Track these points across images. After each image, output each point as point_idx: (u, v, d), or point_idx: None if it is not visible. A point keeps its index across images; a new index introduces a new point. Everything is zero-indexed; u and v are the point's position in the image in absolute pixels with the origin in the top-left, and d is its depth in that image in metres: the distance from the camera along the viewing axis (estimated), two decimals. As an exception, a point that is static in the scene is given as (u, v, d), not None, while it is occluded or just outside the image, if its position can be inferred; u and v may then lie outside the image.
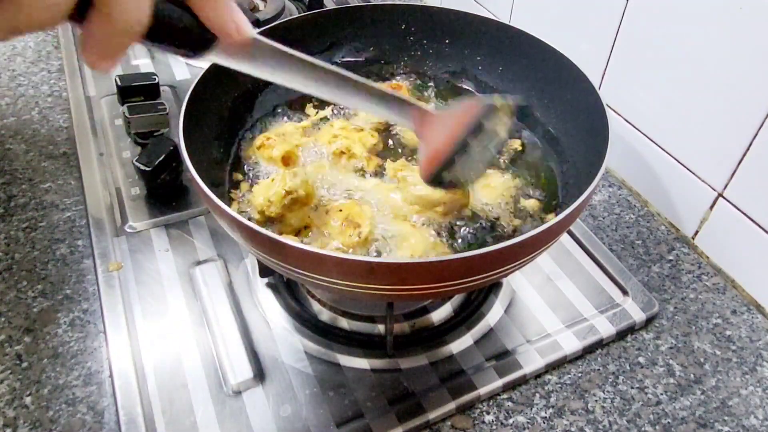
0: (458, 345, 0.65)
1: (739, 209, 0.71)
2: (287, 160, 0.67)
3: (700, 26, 0.69)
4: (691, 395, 0.62)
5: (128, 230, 0.75)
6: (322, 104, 0.76)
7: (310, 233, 0.60)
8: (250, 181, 0.66)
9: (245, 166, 0.68)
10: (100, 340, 0.64)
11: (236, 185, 0.66)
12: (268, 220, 0.60)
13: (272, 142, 0.67)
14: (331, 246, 0.58)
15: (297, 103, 0.76)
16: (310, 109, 0.76)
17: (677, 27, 0.72)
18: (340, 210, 0.60)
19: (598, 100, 0.61)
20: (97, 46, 0.26)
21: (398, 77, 0.81)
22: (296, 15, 1.01)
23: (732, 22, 0.65)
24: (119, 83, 0.87)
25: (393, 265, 0.47)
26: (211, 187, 0.50)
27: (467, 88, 0.80)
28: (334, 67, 0.44)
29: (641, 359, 0.65)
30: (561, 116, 0.70)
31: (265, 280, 0.70)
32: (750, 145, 0.68)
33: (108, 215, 0.76)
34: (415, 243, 0.58)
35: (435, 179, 0.53)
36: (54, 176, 0.83)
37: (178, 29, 0.29)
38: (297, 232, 0.60)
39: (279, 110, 0.75)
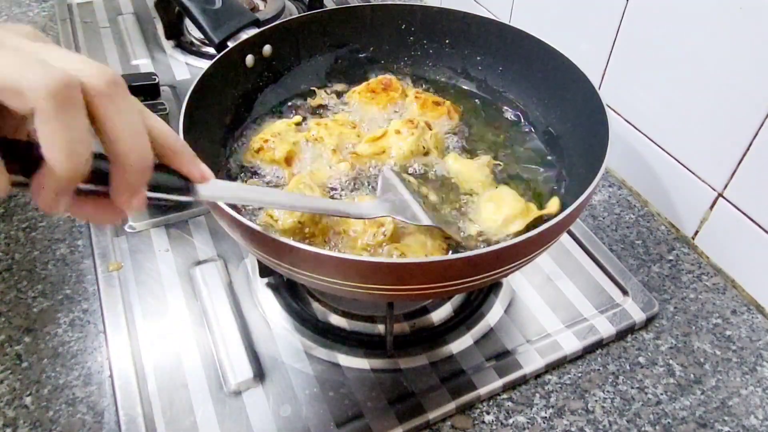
0: (458, 345, 0.65)
1: (739, 209, 0.71)
2: (289, 160, 0.66)
3: (700, 26, 0.69)
4: (691, 395, 0.62)
5: (128, 230, 0.75)
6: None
7: (332, 239, 0.58)
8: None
9: (245, 171, 0.68)
10: (100, 340, 0.64)
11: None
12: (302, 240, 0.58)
13: (271, 143, 0.66)
14: (357, 248, 0.57)
15: (296, 102, 0.77)
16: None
17: (677, 27, 0.72)
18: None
19: (598, 100, 0.61)
20: (126, 189, 0.34)
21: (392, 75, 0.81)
22: (296, 15, 1.01)
23: (732, 22, 0.65)
24: (119, 83, 0.87)
25: (393, 265, 0.47)
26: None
27: (467, 88, 0.80)
28: (283, 192, 0.57)
29: (641, 359, 0.65)
30: (561, 116, 0.70)
31: (265, 280, 0.70)
32: (750, 145, 0.68)
33: (108, 215, 0.76)
34: (430, 244, 0.57)
35: (438, 219, 0.58)
36: (54, 176, 0.83)
37: (165, 179, 0.38)
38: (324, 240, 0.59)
39: (279, 109, 0.75)
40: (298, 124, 0.71)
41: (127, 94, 0.33)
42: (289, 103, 0.76)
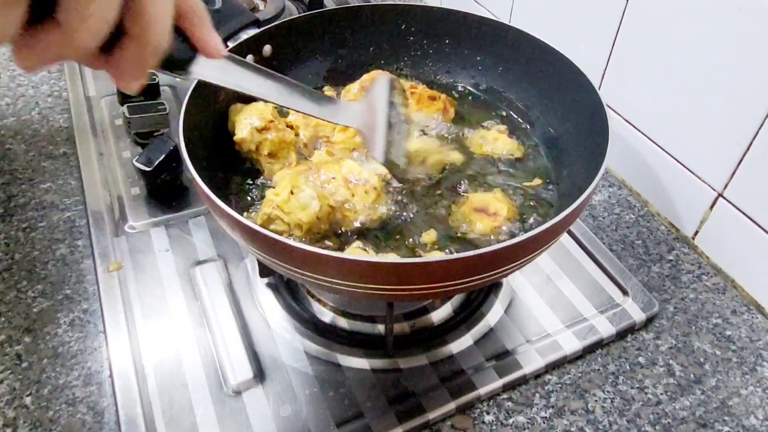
0: (458, 345, 0.65)
1: (739, 209, 0.71)
2: (273, 155, 0.66)
3: (699, 26, 0.69)
4: (691, 395, 0.62)
5: (128, 230, 0.75)
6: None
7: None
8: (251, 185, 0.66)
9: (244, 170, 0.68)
10: (100, 340, 0.64)
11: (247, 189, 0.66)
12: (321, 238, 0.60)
13: (257, 138, 0.66)
14: (365, 209, 0.60)
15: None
16: None
17: (677, 27, 0.72)
18: (332, 178, 0.61)
19: (598, 100, 0.61)
20: (130, 70, 0.32)
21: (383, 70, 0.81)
22: (296, 15, 1.01)
23: (732, 22, 0.65)
24: (119, 83, 0.87)
25: (393, 265, 0.47)
26: (211, 187, 0.50)
27: (467, 88, 0.80)
28: (286, 78, 0.52)
29: (641, 359, 0.65)
30: (561, 116, 0.70)
31: (265, 280, 0.70)
32: (750, 145, 0.68)
33: (108, 215, 0.76)
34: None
35: (388, 159, 0.61)
36: (54, 176, 0.83)
37: (174, 48, 0.36)
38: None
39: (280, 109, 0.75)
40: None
41: None
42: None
